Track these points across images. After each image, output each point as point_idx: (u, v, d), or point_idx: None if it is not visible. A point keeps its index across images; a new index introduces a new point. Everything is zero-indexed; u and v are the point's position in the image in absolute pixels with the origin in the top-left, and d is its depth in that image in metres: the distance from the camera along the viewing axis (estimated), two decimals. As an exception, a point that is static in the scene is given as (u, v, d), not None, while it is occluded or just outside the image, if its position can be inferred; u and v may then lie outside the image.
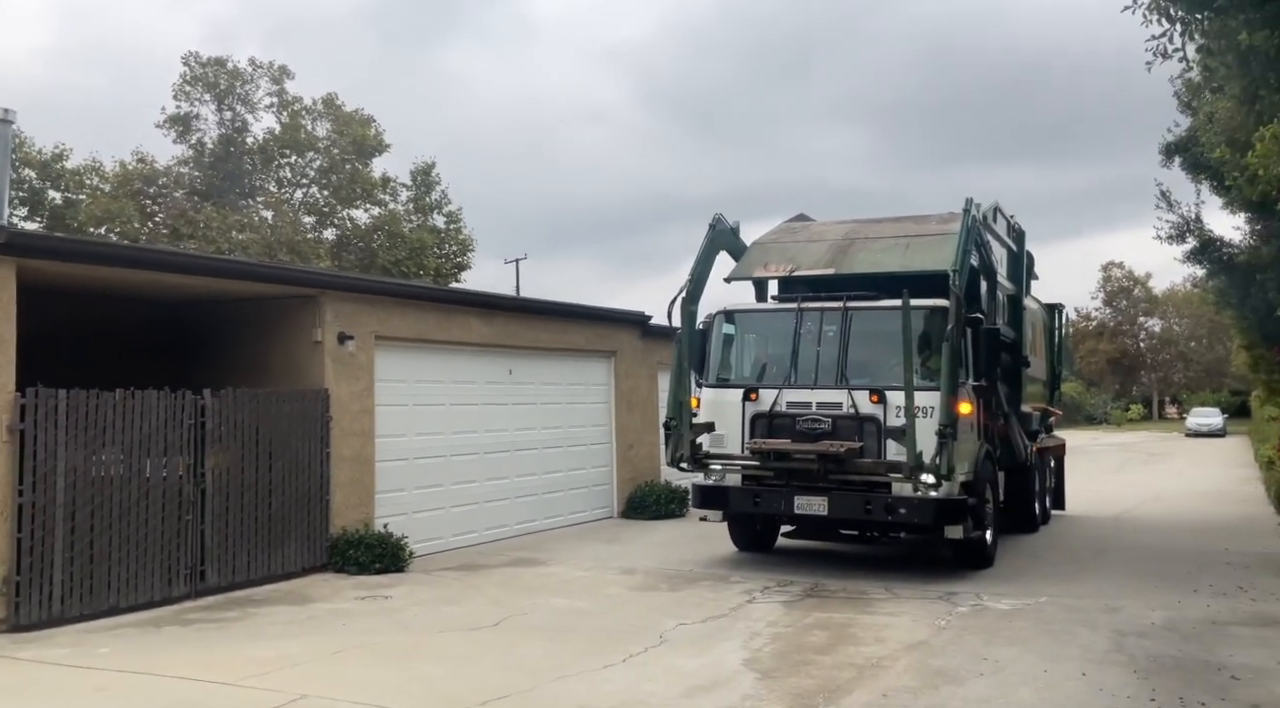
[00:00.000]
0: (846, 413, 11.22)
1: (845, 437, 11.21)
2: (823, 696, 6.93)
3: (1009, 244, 15.17)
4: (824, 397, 11.44)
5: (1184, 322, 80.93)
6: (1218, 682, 7.23)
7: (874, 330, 11.64)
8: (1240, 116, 8.18)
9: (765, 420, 11.63)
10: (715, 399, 12.09)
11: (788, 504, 11.38)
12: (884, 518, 11.04)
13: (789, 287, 12.97)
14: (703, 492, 12.16)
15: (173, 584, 10.15)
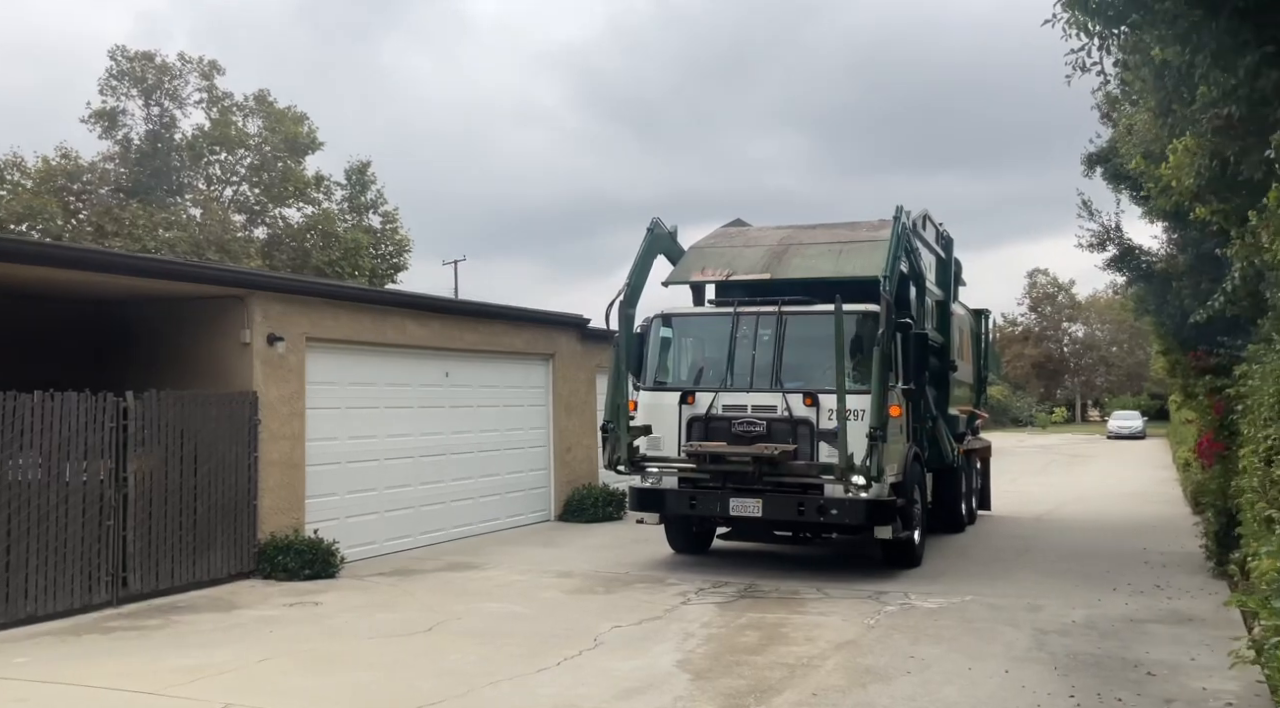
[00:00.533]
0: (781, 416, 11.47)
1: (780, 439, 11.42)
2: (754, 696, 7.00)
3: (937, 251, 15.46)
4: (759, 400, 11.65)
5: (1106, 327, 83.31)
6: (1134, 678, 7.46)
7: (808, 335, 11.83)
8: (1156, 129, 8.45)
9: (701, 423, 11.81)
10: (652, 402, 12.24)
11: (723, 506, 11.53)
12: (816, 519, 11.26)
13: (726, 291, 13.12)
14: (640, 494, 12.27)
15: (94, 591, 9.87)
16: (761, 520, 11.63)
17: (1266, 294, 9.79)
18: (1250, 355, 10.24)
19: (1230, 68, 6.20)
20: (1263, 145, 6.18)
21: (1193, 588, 11.09)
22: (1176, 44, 6.39)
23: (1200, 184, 7.59)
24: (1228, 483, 12.27)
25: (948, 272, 15.96)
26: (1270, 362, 8.97)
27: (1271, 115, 6.19)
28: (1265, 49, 5.96)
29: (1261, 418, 8.77)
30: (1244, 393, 10.16)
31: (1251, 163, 6.65)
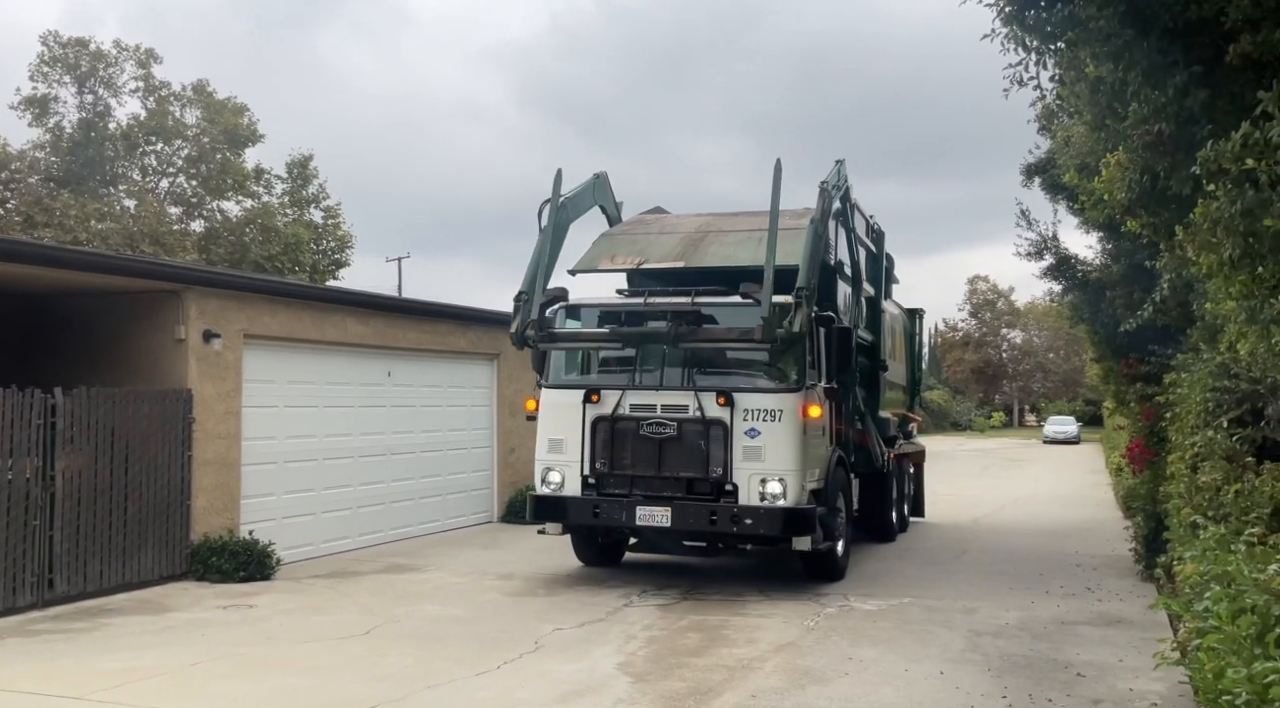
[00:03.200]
0: (693, 417, 10.76)
1: (691, 442, 10.79)
2: (694, 698, 7.02)
3: (868, 244, 14.86)
4: (670, 399, 10.93)
5: (1043, 334, 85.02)
6: (1065, 679, 7.61)
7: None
8: (1091, 142, 8.64)
9: (607, 424, 11.03)
10: (554, 402, 11.42)
11: (629, 515, 10.73)
12: (730, 529, 10.60)
13: (636, 281, 12.60)
14: (538, 502, 11.37)
15: (17, 593, 9.58)
16: (671, 531, 10.82)
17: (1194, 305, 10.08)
18: (1179, 364, 10.54)
19: (1160, 86, 6.35)
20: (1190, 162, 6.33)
21: (1122, 591, 11.35)
22: (1110, 62, 6.53)
23: (1131, 198, 7.75)
24: (1156, 488, 12.61)
25: (879, 267, 15.41)
26: (1197, 371, 9.24)
27: (1198, 133, 6.34)
28: (1193, 69, 6.11)
29: (1189, 425, 9.03)
30: (1173, 400, 10.46)
31: (1180, 179, 6.81)
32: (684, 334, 10.66)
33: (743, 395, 10.73)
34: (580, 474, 11.11)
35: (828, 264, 11.96)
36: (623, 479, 10.97)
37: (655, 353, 11.23)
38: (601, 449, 11.04)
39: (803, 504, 10.63)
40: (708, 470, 10.68)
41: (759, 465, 10.60)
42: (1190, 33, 6.04)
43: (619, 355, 11.70)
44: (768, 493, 10.51)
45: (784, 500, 10.49)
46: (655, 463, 10.83)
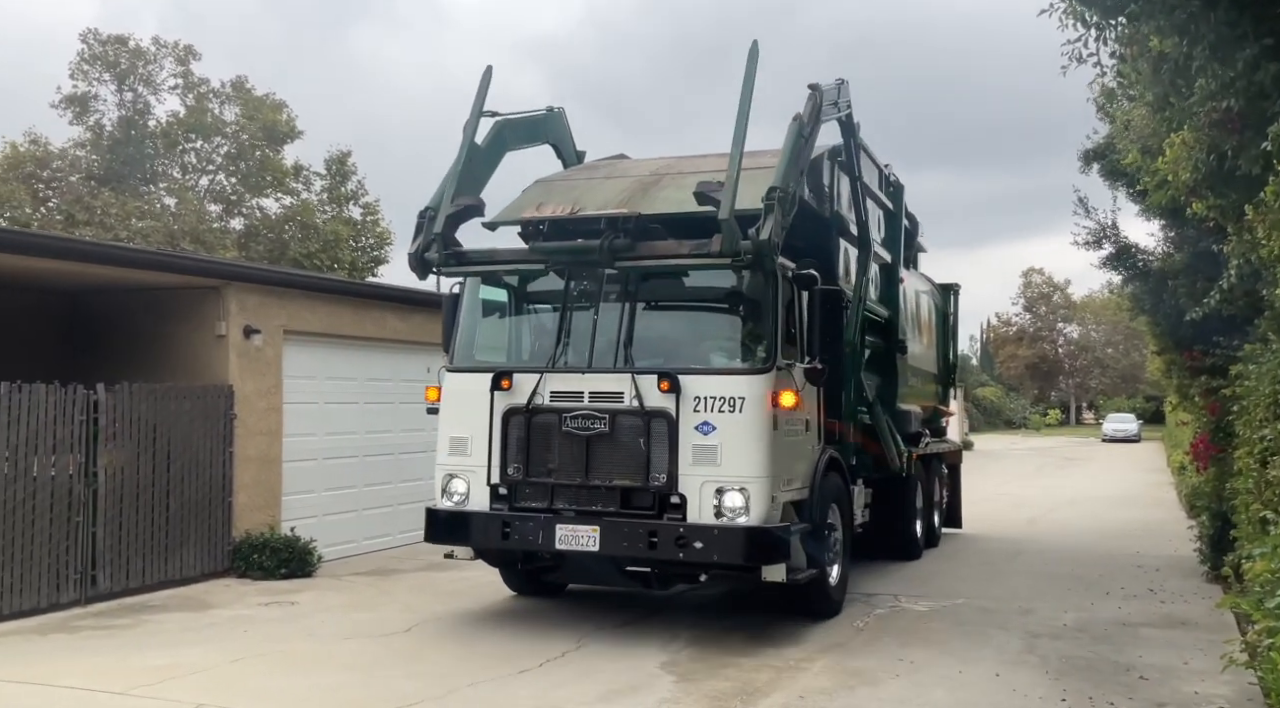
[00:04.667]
0: (629, 406, 8.37)
1: (627, 439, 8.41)
2: (740, 698, 6.85)
3: (881, 198, 12.47)
4: (600, 384, 8.54)
5: (1101, 328, 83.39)
6: (1127, 682, 7.31)
7: (670, 293, 9.14)
8: (1154, 124, 8.29)
9: (522, 418, 8.67)
10: (458, 389, 9.10)
11: (547, 536, 8.40)
12: (674, 555, 8.15)
13: (566, 234, 9.41)
14: (436, 520, 9.07)
15: (61, 590, 9.63)
16: (599, 556, 8.45)
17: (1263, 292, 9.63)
18: (1246, 355, 10.09)
19: (1228, 60, 6.07)
20: (1260, 139, 6.05)
21: (1186, 592, 10.94)
22: (1174, 35, 6.24)
23: (1197, 179, 7.44)
24: (1223, 485, 12.13)
25: (896, 228, 12.90)
26: (1266, 361, 8.83)
27: (1270, 109, 6.05)
28: (1264, 42, 5.83)
29: (1257, 419, 8.63)
30: (1240, 393, 10.02)
31: (1249, 157, 6.51)
32: (621, 249, 8.38)
33: (693, 379, 8.31)
34: (488, 483, 8.75)
35: (823, 217, 10.10)
36: (541, 489, 8.59)
37: (584, 320, 8.91)
38: (515, 450, 8.66)
39: (773, 522, 8.24)
40: (648, 477, 8.26)
41: (714, 471, 8.18)
42: (1261, 3, 5.77)
43: (540, 324, 9.52)
44: (725, 507, 8.13)
45: (746, 517, 8.09)
46: (582, 467, 8.44)
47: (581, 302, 9.02)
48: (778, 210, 8.05)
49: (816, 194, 9.98)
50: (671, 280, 9.06)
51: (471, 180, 9.57)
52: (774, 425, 8.33)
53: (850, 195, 10.94)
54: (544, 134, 11.04)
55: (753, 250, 7.89)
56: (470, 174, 9.52)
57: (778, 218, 8.03)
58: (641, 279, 8.86)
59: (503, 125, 10.11)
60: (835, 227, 10.53)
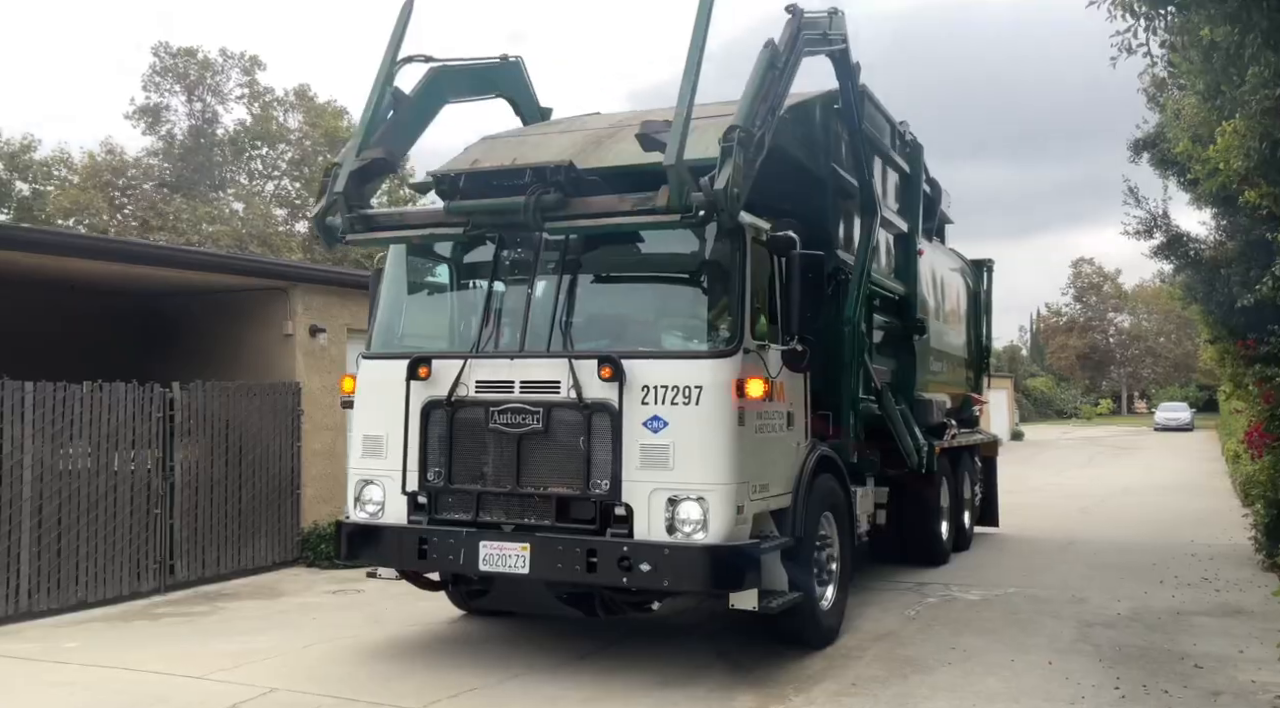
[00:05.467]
0: (566, 398, 6.97)
1: (564, 437, 6.98)
2: (793, 686, 6.97)
3: (894, 159, 11.05)
4: (533, 371, 7.14)
5: (1153, 317, 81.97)
6: (1181, 670, 7.33)
7: (617, 261, 7.64)
8: (1204, 112, 8.28)
9: (443, 414, 7.30)
10: (373, 379, 7.72)
11: (470, 555, 7.07)
12: (616, 580, 6.75)
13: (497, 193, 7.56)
14: (348, 535, 7.75)
15: (141, 579, 10.06)
16: (530, 579, 7.07)
17: (1318, 280, 9.58)
18: (1302, 343, 10.03)
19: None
20: (1314, 127, 6.04)
21: (1241, 581, 10.88)
22: (1226, 23, 6.25)
23: (1250, 166, 7.44)
24: (1278, 473, 12.04)
25: (913, 193, 11.42)
26: (1322, 349, 8.79)
27: (1323, 96, 6.05)
28: (1318, 28, 5.81)
29: (1314, 406, 8.60)
30: (1295, 381, 9.96)
31: (1303, 145, 6.51)
32: (550, 207, 6.80)
33: (640, 364, 6.87)
34: (403, 491, 7.41)
35: (815, 174, 8.80)
36: (466, 498, 7.24)
37: (517, 295, 7.59)
38: (436, 452, 7.32)
39: (739, 538, 6.80)
40: (587, 484, 6.86)
41: (665, 476, 6.74)
42: (1314, -10, 5.75)
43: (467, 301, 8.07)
44: (679, 521, 6.71)
45: (704, 533, 6.67)
46: (512, 472, 7.06)
47: (513, 273, 7.67)
48: (738, 154, 6.46)
49: (807, 146, 8.63)
50: (618, 246, 7.45)
51: (398, 133, 8.18)
52: (739, 420, 6.82)
53: (850, 150, 9.34)
54: (495, 86, 9.53)
55: (706, 204, 6.35)
56: (397, 127, 8.14)
57: (738, 164, 6.45)
58: (584, 245, 7.39)
59: (439, 73, 8.58)
60: (831, 186, 8.98)
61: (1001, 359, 70.65)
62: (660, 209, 6.52)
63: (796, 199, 8.21)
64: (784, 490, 7.57)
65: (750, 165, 6.63)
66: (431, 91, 8.56)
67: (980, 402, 14.70)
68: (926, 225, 12.17)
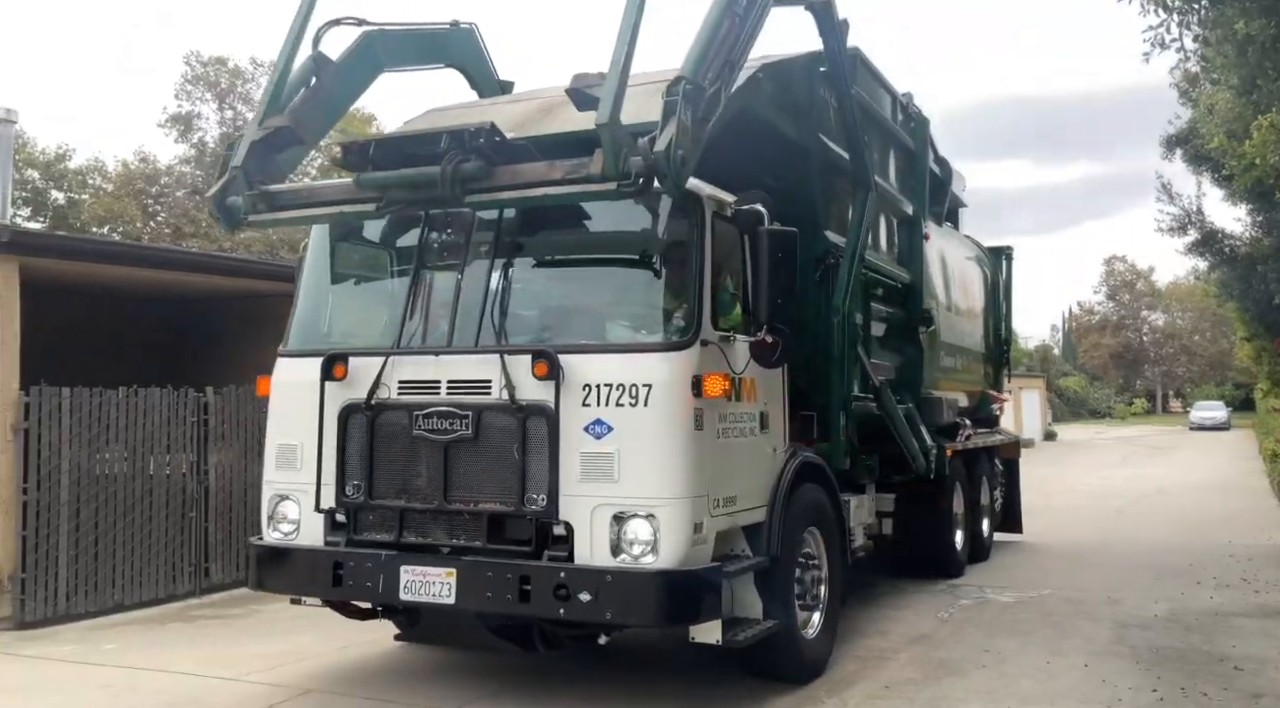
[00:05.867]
0: (498, 400, 6.08)
1: (497, 445, 6.09)
2: (825, 688, 6.92)
3: (895, 132, 10.19)
4: (462, 369, 6.27)
5: (1187, 315, 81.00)
6: (1221, 672, 7.24)
7: (557, 242, 6.81)
8: (1239, 107, 8.17)
9: (363, 419, 6.41)
10: (289, 380, 6.86)
11: (389, 582, 6.19)
12: (553, 612, 5.85)
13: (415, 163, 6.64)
14: (257, 558, 6.96)
15: (177, 581, 10.18)
16: (457, 610, 6.16)
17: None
18: (1341, 340, 9.87)
19: (1319, 41, 5.98)
20: (1354, 121, 5.95)
21: (1282, 582, 10.74)
22: (1261, 17, 6.18)
23: (1286, 162, 7.34)
24: (1318, 473, 11.88)
25: (918, 172, 10.62)
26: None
27: (1363, 89, 5.95)
28: (1357, 21, 5.73)
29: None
30: (1335, 379, 9.80)
31: (1342, 139, 6.41)
32: (472, 177, 5.78)
33: (580, 359, 6.00)
34: (317, 507, 6.52)
35: (797, 144, 7.85)
36: (389, 516, 6.36)
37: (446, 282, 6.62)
38: (355, 463, 6.43)
39: (698, 561, 5.92)
40: (522, 499, 5.98)
41: (610, 489, 5.88)
42: (1352, -18, 5.67)
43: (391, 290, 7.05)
44: (626, 541, 5.84)
45: (654, 556, 5.78)
46: (439, 485, 6.17)
47: (442, 256, 6.72)
48: (684, 111, 5.47)
49: (789, 113, 7.71)
50: (559, 223, 6.61)
51: (320, 104, 7.15)
52: (697, 423, 5.96)
53: (840, 119, 8.29)
54: (443, 55, 8.63)
55: (645, 169, 5.36)
56: (320, 96, 7.12)
57: (684, 123, 5.46)
58: (521, 224, 6.53)
59: (373, 37, 7.60)
60: (817, 158, 8.02)
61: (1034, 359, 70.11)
62: (595, 177, 5.52)
63: (778, 173, 7.46)
64: (756, 503, 6.60)
65: (701, 126, 5.65)
66: (364, 57, 7.54)
67: (1000, 399, 13.61)
68: (935, 209, 11.40)
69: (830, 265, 8.00)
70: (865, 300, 8.81)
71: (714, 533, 6.10)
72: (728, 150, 6.33)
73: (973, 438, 11.56)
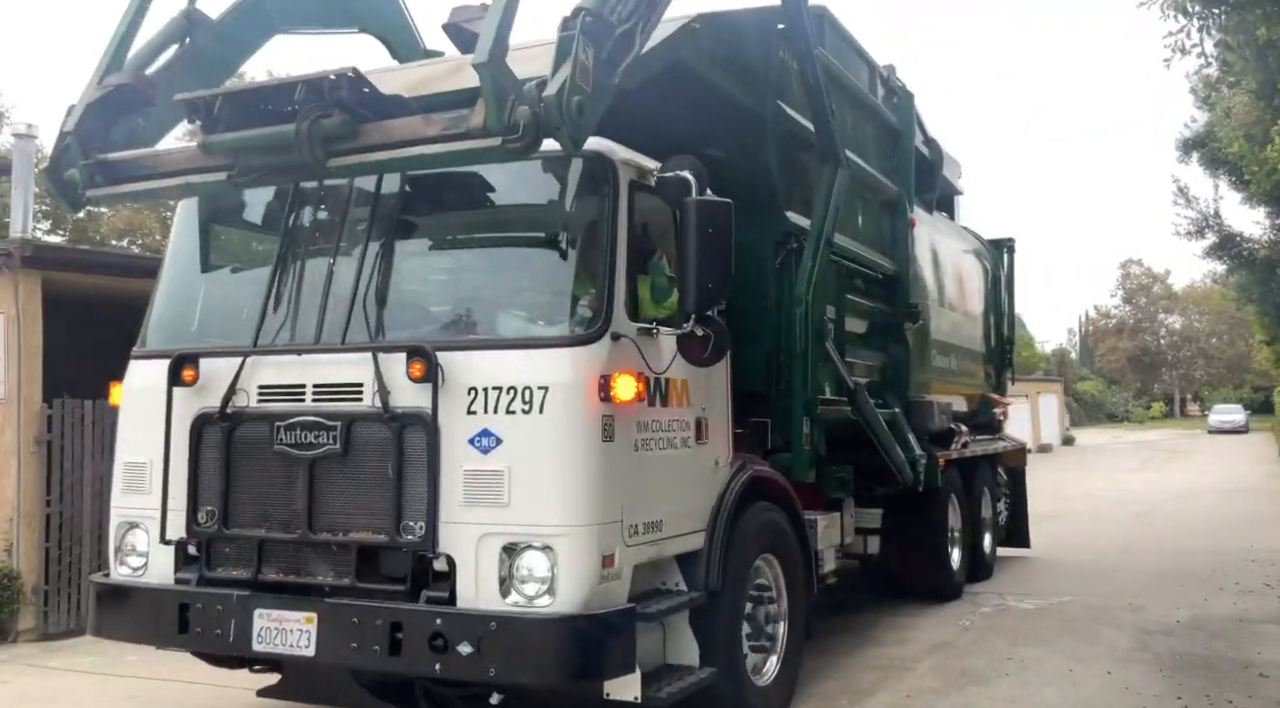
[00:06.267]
0: (370, 408, 5.12)
1: (369, 462, 5.11)
2: (847, 697, 6.91)
3: (873, 105, 9.06)
4: (330, 372, 5.31)
5: (1205, 318, 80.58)
6: (1245, 679, 7.19)
7: (445, 217, 5.87)
8: (1258, 111, 8.14)
9: (217, 432, 5.43)
10: (139, 386, 5.87)
11: (241, 630, 5.21)
12: (428, 668, 4.84)
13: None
14: (97, 597, 5.92)
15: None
16: (318, 663, 5.28)
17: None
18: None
19: (1341, 46, 5.96)
20: (1374, 125, 5.92)
21: (1306, 587, 10.66)
22: (1283, 23, 6.16)
23: (1308, 167, 7.30)
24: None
25: (903, 152, 9.53)
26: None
27: (1384, 93, 5.93)
28: (1377, 25, 5.71)
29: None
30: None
31: (1362, 143, 6.38)
32: (334, 135, 4.70)
33: (462, 357, 5.04)
34: (163, 539, 5.52)
35: (752, 111, 6.69)
36: (246, 548, 5.36)
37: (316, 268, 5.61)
38: (208, 485, 5.44)
39: (608, 603, 4.88)
40: (397, 527, 4.98)
41: (499, 516, 4.88)
42: (1373, -14, 5.65)
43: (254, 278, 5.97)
44: (518, 579, 4.83)
45: (551, 598, 4.77)
46: (304, 511, 5.16)
47: (312, 237, 5.76)
48: (583, 48, 4.44)
49: (740, 76, 6.58)
50: (447, 193, 5.67)
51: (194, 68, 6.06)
52: (605, 434, 4.93)
53: (803, 85, 7.13)
54: (356, 19, 7.44)
55: (534, 122, 4.29)
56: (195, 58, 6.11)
57: (584, 63, 4.44)
58: (402, 194, 5.55)
59: None
60: (775, 127, 6.90)
61: (1051, 363, 69.82)
62: (475, 131, 4.46)
63: (728, 144, 6.44)
64: (692, 527, 5.61)
65: (607, 70, 4.62)
66: (251, 16, 6.56)
67: (1002, 403, 12.48)
68: (925, 196, 10.43)
69: (793, 250, 6.93)
70: (839, 292, 7.88)
71: (630, 566, 5.06)
72: (662, 115, 5.64)
73: (971, 446, 10.55)
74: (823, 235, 7.04)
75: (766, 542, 6.25)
